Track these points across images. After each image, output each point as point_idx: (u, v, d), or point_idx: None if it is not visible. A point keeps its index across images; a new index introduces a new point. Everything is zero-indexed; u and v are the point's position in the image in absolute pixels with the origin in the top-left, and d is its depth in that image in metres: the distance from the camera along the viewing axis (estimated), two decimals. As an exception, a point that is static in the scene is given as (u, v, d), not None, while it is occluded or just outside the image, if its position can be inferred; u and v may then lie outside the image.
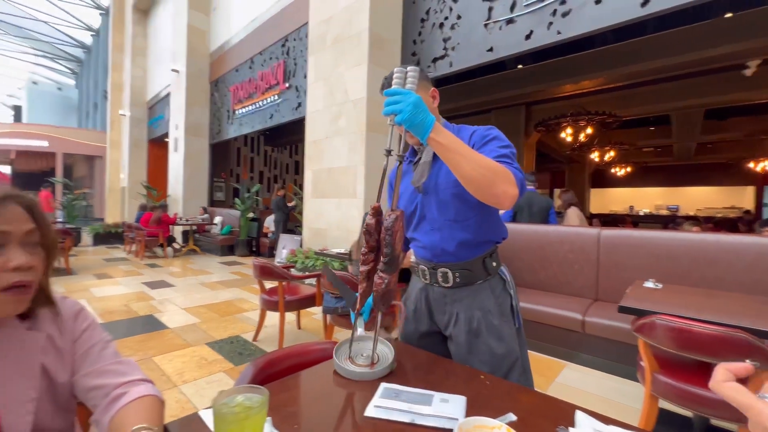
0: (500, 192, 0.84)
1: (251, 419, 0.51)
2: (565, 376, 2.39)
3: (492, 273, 1.06)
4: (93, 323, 0.74)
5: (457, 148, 0.82)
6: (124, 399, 0.63)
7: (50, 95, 25.60)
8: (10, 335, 0.62)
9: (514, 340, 1.04)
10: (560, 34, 3.21)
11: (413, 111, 0.77)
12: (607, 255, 2.79)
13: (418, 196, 1.07)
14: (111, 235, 8.97)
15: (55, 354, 0.66)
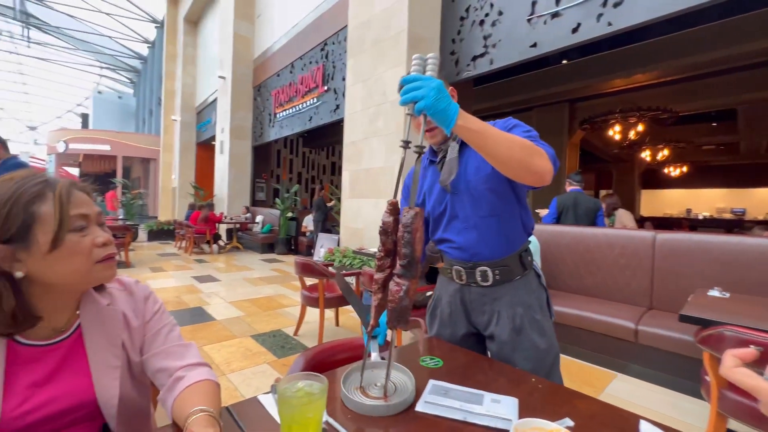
0: (539, 168, 0.81)
1: (313, 404, 0.53)
2: (614, 388, 2.25)
3: (528, 267, 1.04)
4: (162, 307, 0.80)
5: (489, 132, 0.77)
6: (183, 382, 0.68)
7: (112, 103, 27.99)
8: (95, 310, 0.70)
9: (553, 333, 1.04)
10: (611, 25, 3.04)
11: (436, 96, 0.70)
12: (664, 260, 2.59)
13: (446, 195, 1.04)
14: (163, 231, 9.65)
15: (129, 332, 0.73)
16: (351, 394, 0.71)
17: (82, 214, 0.63)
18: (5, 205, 0.57)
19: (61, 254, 0.59)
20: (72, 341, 0.67)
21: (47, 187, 0.60)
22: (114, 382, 0.67)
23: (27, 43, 20.11)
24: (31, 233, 0.58)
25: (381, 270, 0.72)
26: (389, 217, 0.71)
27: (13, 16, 18.15)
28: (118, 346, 0.70)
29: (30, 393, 0.61)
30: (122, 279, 0.78)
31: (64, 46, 22.97)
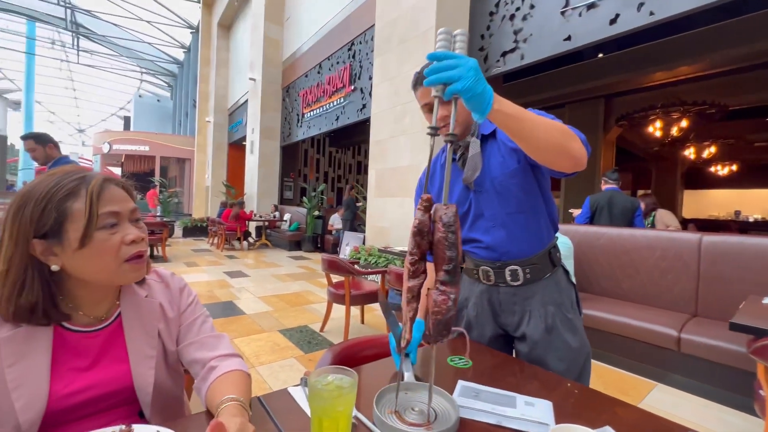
0: (577, 152, 0.76)
1: (343, 398, 0.53)
2: (654, 398, 2.12)
3: (557, 264, 1.01)
4: (196, 298, 0.83)
5: (526, 116, 0.71)
6: (216, 372, 0.70)
7: (151, 106, 29.54)
8: (134, 301, 0.73)
9: (584, 331, 1.01)
10: (653, 15, 2.87)
11: (475, 77, 0.61)
12: (711, 264, 2.42)
13: (470, 193, 1.00)
14: (197, 228, 10.07)
15: (165, 322, 0.75)
16: (385, 417, 0.63)
17: (113, 211, 0.63)
18: (42, 201, 0.59)
19: (90, 251, 0.60)
20: (112, 329, 0.70)
21: (82, 183, 0.62)
22: (150, 371, 0.70)
23: (77, 51, 21.58)
24: (64, 229, 0.59)
25: (415, 276, 0.63)
26: (424, 215, 0.62)
27: (65, 26, 19.53)
28: (154, 336, 0.73)
29: (74, 376, 0.64)
30: (159, 271, 0.81)
31: (108, 53, 24.47)
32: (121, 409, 0.69)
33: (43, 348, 0.62)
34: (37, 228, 0.59)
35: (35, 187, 0.61)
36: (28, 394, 0.59)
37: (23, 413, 0.58)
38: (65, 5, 17.46)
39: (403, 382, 0.72)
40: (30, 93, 21.06)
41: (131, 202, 0.68)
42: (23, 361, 0.60)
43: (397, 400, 0.68)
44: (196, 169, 16.07)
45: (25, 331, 0.61)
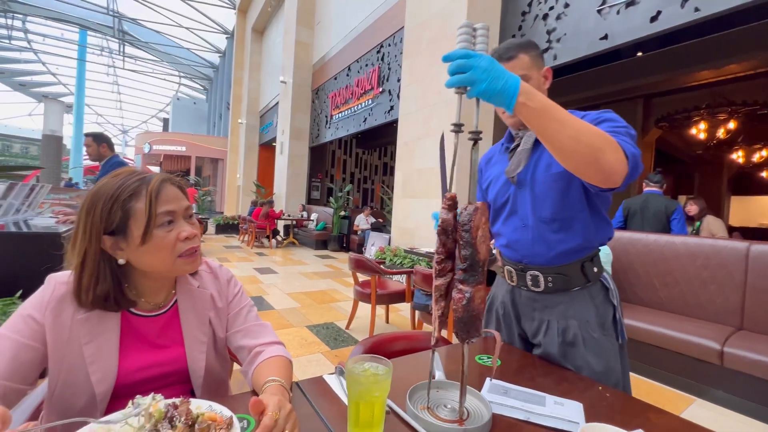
0: (608, 165, 0.68)
1: (379, 384, 0.56)
2: (692, 414, 2.02)
3: (592, 279, 0.93)
4: (241, 289, 0.89)
5: (554, 114, 0.66)
6: (261, 357, 0.76)
7: (187, 108, 31.05)
8: (188, 291, 0.79)
9: (615, 357, 0.91)
10: (698, 11, 2.73)
11: (488, 78, 0.60)
12: (760, 275, 2.27)
13: (511, 187, 0.97)
14: (229, 225, 10.47)
15: (215, 312, 0.82)
16: (419, 412, 0.65)
17: (169, 210, 0.68)
18: (109, 201, 0.65)
19: (150, 247, 0.66)
20: (170, 316, 0.77)
21: (143, 184, 0.68)
22: (201, 355, 0.77)
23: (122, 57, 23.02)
24: (128, 227, 0.66)
25: (442, 275, 0.64)
26: (448, 213, 0.63)
27: (113, 34, 20.89)
28: (206, 324, 0.79)
29: (139, 355, 0.71)
30: (210, 262, 0.87)
31: (150, 58, 25.93)
32: (177, 387, 0.75)
33: (113, 329, 0.69)
34: (106, 225, 0.66)
35: (103, 187, 0.68)
36: (102, 368, 0.67)
37: (99, 385, 0.66)
38: (113, 14, 18.67)
39: (435, 380, 0.73)
40: (81, 97, 22.66)
41: (185, 200, 0.73)
42: (97, 339, 0.68)
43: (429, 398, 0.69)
44: (229, 169, 16.72)
45: (98, 313, 0.69)
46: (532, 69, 0.91)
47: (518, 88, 0.62)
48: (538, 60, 0.92)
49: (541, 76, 0.93)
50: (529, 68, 0.90)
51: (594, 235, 0.92)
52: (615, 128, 0.78)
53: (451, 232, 0.63)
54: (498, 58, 0.90)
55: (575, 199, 0.88)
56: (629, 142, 0.74)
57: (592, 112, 0.88)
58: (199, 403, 0.60)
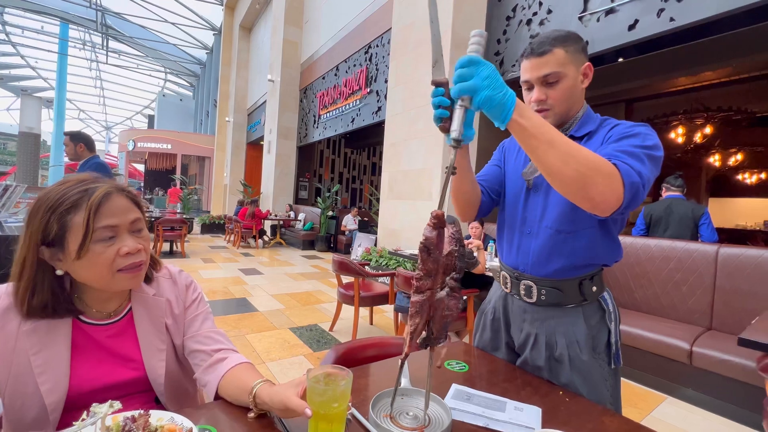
0: (597, 195, 0.65)
1: (337, 396, 0.57)
2: (663, 411, 2.09)
3: (589, 298, 0.88)
4: (201, 295, 0.88)
5: (544, 134, 0.64)
6: (226, 363, 0.75)
7: (174, 105, 30.50)
8: (143, 299, 0.79)
9: (604, 384, 0.87)
10: (674, 21, 2.82)
11: (490, 86, 0.59)
12: (728, 278, 2.37)
13: (523, 190, 0.93)
14: (215, 225, 10.34)
15: (173, 318, 0.81)
16: (380, 420, 0.66)
17: (111, 225, 0.65)
18: (47, 212, 0.63)
19: (86, 262, 0.64)
20: (124, 324, 0.76)
21: (85, 196, 0.64)
22: (161, 362, 0.76)
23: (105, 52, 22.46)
24: (65, 240, 0.64)
25: (420, 292, 0.62)
26: (432, 231, 0.60)
27: (96, 28, 20.35)
28: (163, 332, 0.79)
29: (93, 364, 0.71)
30: (170, 267, 0.86)
31: (135, 53, 25.36)
32: (139, 396, 0.75)
33: (63, 338, 0.68)
34: (43, 236, 0.64)
35: (45, 195, 0.66)
36: (52, 378, 0.66)
37: (48, 396, 0.65)
38: (96, 8, 18.19)
39: (400, 387, 0.73)
40: (62, 92, 22.03)
41: (134, 212, 0.70)
42: (46, 349, 0.67)
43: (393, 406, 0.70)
44: (215, 168, 16.49)
45: (46, 323, 0.67)
46: (569, 65, 0.83)
47: (513, 105, 0.62)
48: (577, 55, 0.83)
49: (579, 74, 0.85)
50: (565, 64, 0.82)
51: (599, 255, 0.87)
52: (631, 149, 0.72)
53: (434, 250, 0.62)
54: (530, 52, 0.85)
55: (585, 215, 0.78)
56: (635, 168, 0.69)
57: (627, 122, 0.83)
58: (161, 414, 0.61)
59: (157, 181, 22.35)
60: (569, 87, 0.84)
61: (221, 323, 3.11)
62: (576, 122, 0.89)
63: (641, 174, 0.69)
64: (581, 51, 0.85)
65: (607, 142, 0.80)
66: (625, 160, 0.70)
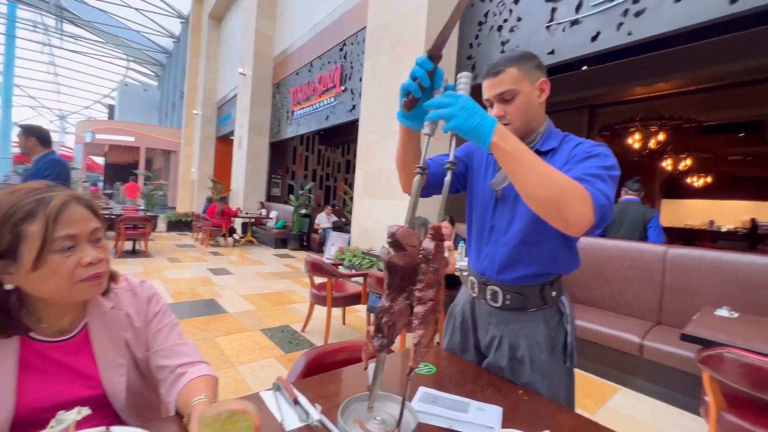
0: (570, 216, 0.69)
1: None
2: (617, 401, 2.25)
3: (549, 303, 0.95)
4: (164, 307, 0.85)
5: (524, 158, 0.68)
6: (185, 378, 0.74)
7: (137, 95, 28.91)
8: (100, 312, 0.76)
9: (562, 382, 0.94)
10: (631, 35, 3.00)
11: (466, 114, 0.65)
12: (675, 276, 2.56)
13: (492, 199, 0.97)
14: (182, 223, 9.93)
15: (133, 332, 0.78)
16: (349, 427, 0.68)
17: (70, 234, 0.63)
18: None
19: (43, 274, 0.61)
20: (79, 340, 0.73)
21: (40, 205, 0.62)
22: (121, 378, 0.74)
23: (60, 35, 20.94)
24: (19, 251, 0.60)
25: (422, 303, 0.64)
26: (431, 242, 0.63)
27: (48, 9, 18.92)
28: (122, 346, 0.76)
29: (44, 383, 0.68)
30: (129, 279, 0.83)
31: (94, 39, 23.81)
32: (98, 413, 0.72)
33: (9, 357, 0.65)
34: None
35: None
36: None
37: None
38: (49, -12, 16.93)
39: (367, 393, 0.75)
40: (9, 76, 20.35)
41: (94, 221, 0.68)
42: None
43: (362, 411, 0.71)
44: (183, 162, 15.82)
45: None
46: (523, 82, 0.88)
47: (493, 128, 0.67)
48: (531, 72, 0.89)
49: (535, 89, 0.90)
50: (519, 82, 0.88)
51: (559, 264, 0.93)
52: (597, 171, 0.77)
53: (433, 260, 0.64)
54: (487, 72, 0.91)
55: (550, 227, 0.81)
56: (603, 191, 0.73)
57: (588, 142, 0.88)
58: (123, 430, 0.60)
59: (119, 175, 21.10)
60: (525, 102, 0.89)
61: (188, 326, 3.01)
62: (539, 137, 0.94)
63: (608, 197, 0.74)
64: (536, 68, 0.90)
65: (572, 161, 0.85)
66: (595, 183, 0.74)
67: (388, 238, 0.64)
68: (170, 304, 3.58)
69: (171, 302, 3.64)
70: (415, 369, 0.64)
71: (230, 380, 2.19)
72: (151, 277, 4.56)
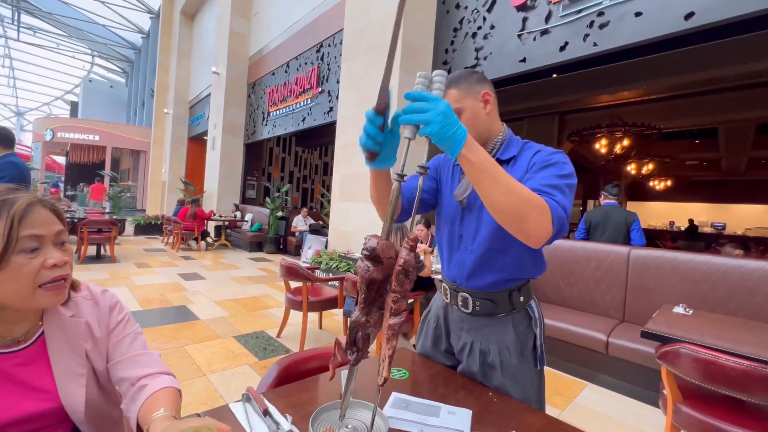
0: (531, 229, 0.72)
1: None
2: (585, 397, 2.34)
3: (518, 307, 0.98)
4: (126, 316, 0.82)
5: (489, 170, 0.69)
6: (146, 391, 0.71)
7: (103, 92, 27.52)
8: (58, 321, 0.72)
9: (532, 384, 0.96)
10: (596, 46, 3.15)
11: (443, 122, 0.63)
12: (637, 276, 2.70)
13: (458, 208, 0.99)
14: (151, 226, 9.54)
15: (93, 342, 0.75)
16: None
17: (36, 234, 0.62)
18: None
19: (5, 275, 0.60)
20: (35, 350, 0.69)
21: (5, 206, 0.61)
22: (80, 389, 0.70)
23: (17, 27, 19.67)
24: None
25: (397, 314, 0.63)
26: (410, 254, 0.62)
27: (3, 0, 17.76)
28: (82, 356, 0.72)
29: None
30: (91, 287, 0.80)
31: (55, 32, 22.53)
32: (54, 428, 0.69)
33: None
34: None
35: None
36: None
37: None
38: (4, -24, 15.89)
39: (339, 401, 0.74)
40: (-42, 69, 18.88)
41: (58, 225, 0.67)
42: None
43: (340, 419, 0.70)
44: (152, 163, 15.21)
45: None
46: (464, 99, 0.92)
47: (464, 140, 0.66)
48: (471, 88, 0.93)
49: (478, 102, 0.93)
50: (460, 100, 0.92)
51: (525, 270, 0.96)
52: (555, 182, 0.80)
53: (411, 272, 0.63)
54: None
55: None
56: (561, 204, 0.76)
57: (547, 149, 0.90)
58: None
59: (83, 176, 19.98)
60: (472, 116, 0.93)
61: (156, 334, 2.90)
62: (499, 145, 0.97)
63: (566, 209, 0.77)
64: (476, 82, 0.94)
65: (532, 170, 0.88)
66: (554, 196, 0.77)
67: (365, 251, 0.63)
68: (138, 311, 3.43)
69: (138, 310, 3.48)
70: (388, 379, 0.64)
71: (201, 390, 2.12)
72: (117, 284, 4.35)
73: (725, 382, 1.32)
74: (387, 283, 0.65)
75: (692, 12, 2.66)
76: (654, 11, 2.84)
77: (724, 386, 1.32)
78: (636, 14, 2.92)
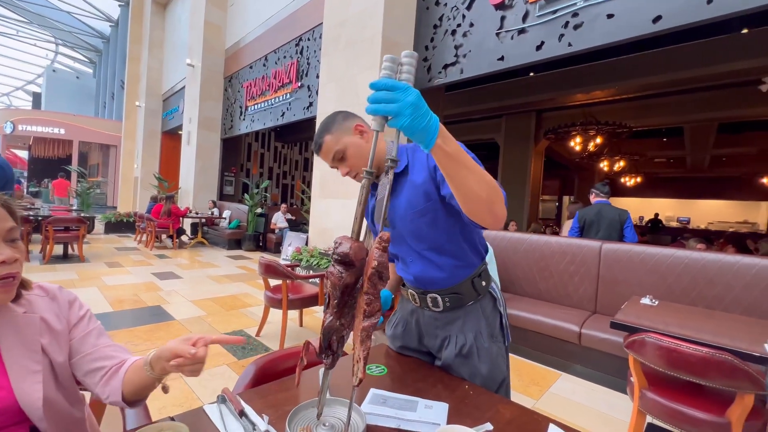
0: (498, 211, 0.75)
1: None
2: (558, 387, 2.42)
3: (482, 293, 1.02)
4: (88, 312, 0.83)
5: (462, 159, 0.68)
6: (126, 364, 0.75)
7: (69, 83, 26.12)
8: (9, 317, 0.71)
9: (503, 359, 1.03)
10: (571, 46, 3.23)
11: (414, 114, 0.58)
12: (608, 269, 2.81)
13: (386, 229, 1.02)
14: (122, 224, 9.18)
15: (50, 336, 0.74)
16: None
17: None
18: None
19: None
20: None
21: None
22: (36, 386, 0.69)
23: (-30, 11, 18.37)
24: None
25: (371, 316, 0.62)
26: (383, 255, 0.61)
27: (-45, -19, 16.51)
28: (37, 351, 0.71)
29: None
30: (44, 285, 0.79)
31: (14, 17, 21.15)
32: (10, 429, 0.66)
33: None
34: None
35: None
36: None
37: None
38: (-45, -44, 14.78)
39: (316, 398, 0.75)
40: None
41: (9, 221, 0.67)
42: None
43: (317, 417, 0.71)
44: (123, 158, 14.59)
45: None
46: (341, 140, 0.95)
47: (437, 130, 0.62)
48: (342, 126, 0.96)
49: (354, 136, 0.96)
50: (337, 141, 0.95)
51: (473, 251, 1.01)
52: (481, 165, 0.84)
53: (384, 273, 0.62)
54: (316, 151, 0.99)
55: (446, 224, 0.94)
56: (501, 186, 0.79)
57: None
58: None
59: (47, 172, 18.94)
60: (355, 152, 0.96)
61: (129, 336, 2.80)
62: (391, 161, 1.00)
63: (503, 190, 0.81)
64: (344, 120, 0.97)
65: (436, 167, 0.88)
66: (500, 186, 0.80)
67: (336, 255, 0.62)
68: (109, 313, 3.30)
69: (109, 311, 3.35)
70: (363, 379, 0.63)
71: (177, 392, 2.07)
72: (86, 284, 4.17)
73: (686, 368, 1.40)
74: (358, 283, 0.64)
75: (660, 15, 2.77)
76: (625, 14, 2.93)
77: (685, 372, 1.40)
78: (608, 16, 3.01)
